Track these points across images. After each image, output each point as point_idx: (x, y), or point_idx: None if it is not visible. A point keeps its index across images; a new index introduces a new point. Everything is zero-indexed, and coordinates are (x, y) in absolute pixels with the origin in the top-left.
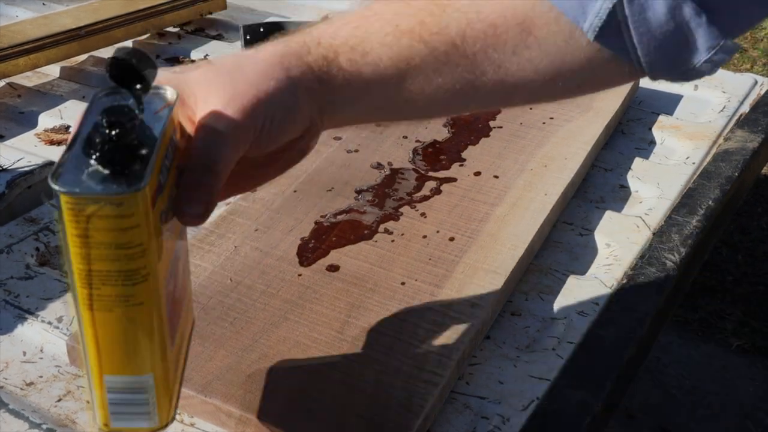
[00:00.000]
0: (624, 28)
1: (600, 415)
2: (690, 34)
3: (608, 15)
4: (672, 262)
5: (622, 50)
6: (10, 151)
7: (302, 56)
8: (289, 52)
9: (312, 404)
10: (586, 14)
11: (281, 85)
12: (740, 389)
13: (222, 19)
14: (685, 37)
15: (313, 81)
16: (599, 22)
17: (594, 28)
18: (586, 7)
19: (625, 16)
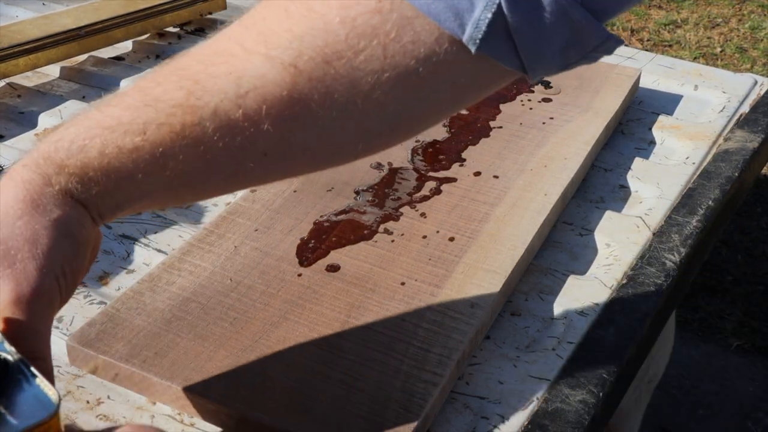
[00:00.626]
0: (504, 36)
1: (600, 415)
2: (582, 35)
3: (488, 26)
4: (672, 262)
5: (504, 57)
6: (10, 151)
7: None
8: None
9: (312, 404)
10: (464, 26)
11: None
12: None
13: (222, 18)
14: (578, 39)
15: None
16: (479, 34)
17: (474, 39)
18: (462, 18)
19: (506, 24)
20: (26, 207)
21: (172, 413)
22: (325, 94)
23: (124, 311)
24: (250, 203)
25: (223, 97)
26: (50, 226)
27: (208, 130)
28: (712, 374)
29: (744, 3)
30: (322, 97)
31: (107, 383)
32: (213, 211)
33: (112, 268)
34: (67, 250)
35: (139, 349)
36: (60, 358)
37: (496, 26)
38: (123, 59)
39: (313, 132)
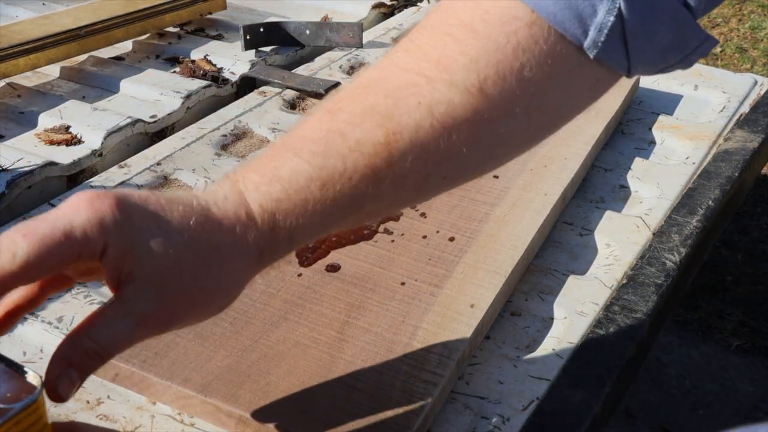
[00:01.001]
0: (620, 39)
1: (600, 414)
2: (685, 36)
3: (610, 29)
4: (672, 262)
5: (617, 61)
6: (10, 151)
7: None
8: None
9: (312, 404)
10: (587, 30)
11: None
12: (740, 389)
13: (222, 19)
14: (680, 40)
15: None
16: (601, 37)
17: (596, 43)
18: (585, 23)
19: (623, 27)
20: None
21: (172, 413)
22: (505, 109)
23: None
24: None
25: (419, 129)
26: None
27: (407, 163)
28: (712, 374)
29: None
30: (503, 113)
31: (107, 383)
32: None
33: None
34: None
35: (139, 349)
36: None
37: (615, 30)
38: (123, 59)
39: (492, 148)
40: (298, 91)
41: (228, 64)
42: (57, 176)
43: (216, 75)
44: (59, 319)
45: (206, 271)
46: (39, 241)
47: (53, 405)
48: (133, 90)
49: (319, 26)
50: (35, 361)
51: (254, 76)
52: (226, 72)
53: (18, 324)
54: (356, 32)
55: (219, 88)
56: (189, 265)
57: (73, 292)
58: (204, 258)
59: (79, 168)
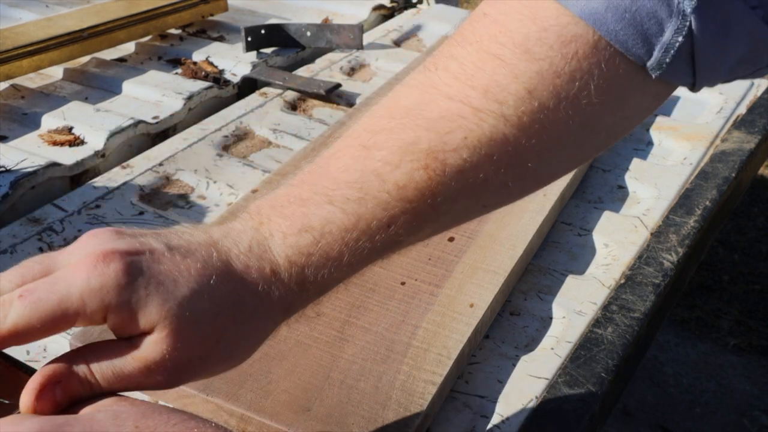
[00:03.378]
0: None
1: (598, 413)
2: (759, 52)
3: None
4: (669, 262)
5: (681, 79)
6: (14, 152)
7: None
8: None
9: (312, 403)
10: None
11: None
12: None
13: (223, 21)
14: (754, 55)
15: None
16: (667, 58)
17: (661, 64)
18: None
19: (692, 46)
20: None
21: None
22: (559, 138)
23: None
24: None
25: (465, 168)
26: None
27: (450, 204)
28: (709, 373)
29: None
30: (556, 143)
31: None
32: (215, 212)
33: None
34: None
35: None
36: None
37: (683, 49)
38: (125, 61)
39: (539, 177)
40: (298, 92)
41: (229, 65)
42: (60, 177)
43: (217, 76)
44: None
45: (226, 330)
46: (32, 307)
47: None
48: (136, 91)
49: (320, 28)
50: (39, 360)
51: (255, 78)
52: (228, 73)
53: None
54: (356, 34)
55: (220, 90)
56: (207, 326)
57: None
58: (224, 318)
59: (82, 169)
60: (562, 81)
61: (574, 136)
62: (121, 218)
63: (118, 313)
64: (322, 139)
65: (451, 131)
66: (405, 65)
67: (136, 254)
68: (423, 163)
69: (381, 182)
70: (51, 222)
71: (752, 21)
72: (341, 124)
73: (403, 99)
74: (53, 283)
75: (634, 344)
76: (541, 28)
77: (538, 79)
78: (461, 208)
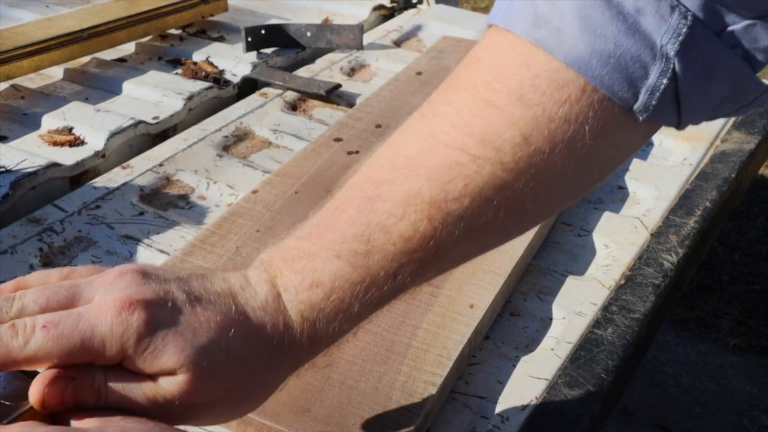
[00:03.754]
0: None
1: (598, 414)
2: (742, 91)
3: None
4: (669, 262)
5: (666, 120)
6: (14, 152)
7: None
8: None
9: (312, 404)
10: (637, 94)
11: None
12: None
13: (223, 21)
14: (737, 94)
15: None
16: (653, 101)
17: (648, 107)
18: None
19: (677, 88)
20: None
21: None
22: (556, 179)
23: None
24: (251, 204)
25: (466, 214)
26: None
27: (453, 250)
28: (709, 373)
29: None
30: (553, 184)
31: None
32: (215, 212)
33: None
34: None
35: None
36: None
37: (668, 92)
38: (126, 61)
39: (537, 216)
40: (299, 93)
41: (230, 65)
42: (60, 177)
43: (218, 76)
44: None
45: (238, 382)
46: (55, 341)
47: None
48: (136, 91)
49: (320, 28)
50: None
51: (255, 78)
52: (228, 74)
53: None
54: (356, 34)
55: (221, 90)
56: (221, 377)
57: None
58: (238, 371)
59: (82, 169)
60: (556, 126)
61: (570, 176)
62: (121, 219)
63: (134, 359)
64: (323, 140)
65: (451, 180)
66: (405, 65)
67: (158, 304)
68: (426, 213)
69: (386, 235)
70: (51, 222)
71: (733, 61)
72: (342, 125)
73: (403, 148)
74: (77, 320)
75: (634, 345)
76: (533, 74)
77: (533, 125)
78: (462, 251)
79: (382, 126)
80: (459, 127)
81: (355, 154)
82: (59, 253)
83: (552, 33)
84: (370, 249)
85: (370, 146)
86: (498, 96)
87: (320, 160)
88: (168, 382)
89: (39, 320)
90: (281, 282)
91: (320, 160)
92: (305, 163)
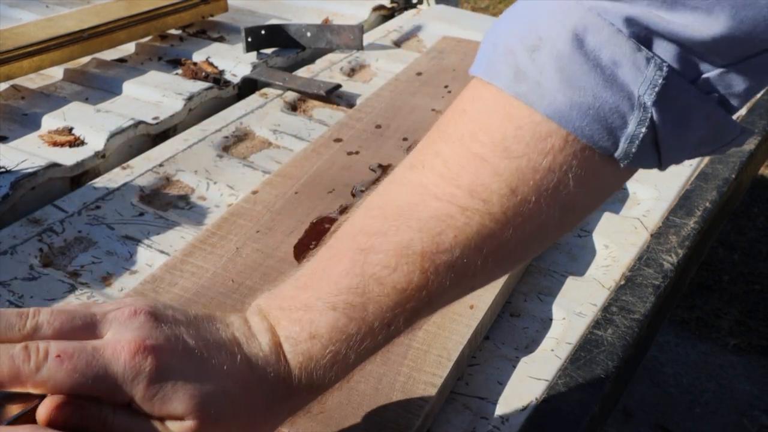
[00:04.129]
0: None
1: (598, 414)
2: (720, 133)
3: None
4: (669, 263)
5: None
6: (14, 153)
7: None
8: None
9: (312, 405)
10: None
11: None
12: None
13: (223, 21)
14: (714, 136)
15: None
16: (633, 148)
17: (628, 154)
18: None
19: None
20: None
21: None
22: (541, 225)
23: None
24: (251, 205)
25: (456, 263)
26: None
27: (444, 296)
28: (709, 373)
29: None
30: (538, 230)
31: None
32: (215, 213)
33: (115, 269)
34: None
35: None
36: None
37: (647, 139)
38: (126, 61)
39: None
40: (299, 93)
41: (230, 66)
42: (60, 177)
43: (218, 77)
44: None
45: (242, 428)
46: (67, 374)
47: None
48: (136, 92)
49: (320, 28)
50: None
51: (255, 78)
52: (228, 74)
53: None
54: (356, 34)
55: (221, 90)
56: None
57: (76, 293)
58: (241, 418)
59: (82, 169)
60: (541, 176)
61: (555, 221)
62: (122, 219)
63: (142, 403)
64: (323, 140)
65: (441, 231)
66: (405, 65)
67: (169, 351)
68: (418, 265)
69: (380, 286)
70: (51, 223)
71: (708, 106)
72: (342, 125)
73: (395, 198)
74: (92, 356)
75: (634, 345)
76: (516, 126)
77: (519, 175)
78: (452, 297)
79: (382, 126)
80: (447, 179)
81: (355, 154)
82: (59, 254)
83: (532, 87)
84: (365, 301)
85: (369, 146)
86: (484, 148)
87: (320, 160)
88: (175, 425)
89: (53, 348)
90: (281, 332)
91: (320, 160)
92: (305, 164)
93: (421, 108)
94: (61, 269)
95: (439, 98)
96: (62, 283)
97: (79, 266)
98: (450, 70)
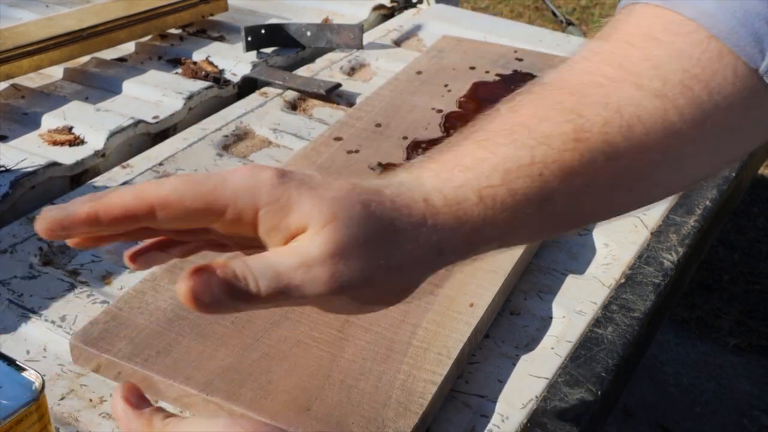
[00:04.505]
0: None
1: (598, 413)
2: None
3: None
4: (669, 261)
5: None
6: (14, 152)
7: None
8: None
9: (312, 403)
10: (764, 51)
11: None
12: (736, 387)
13: (223, 20)
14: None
15: None
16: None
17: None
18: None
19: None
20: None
21: (174, 411)
22: (694, 122)
23: (127, 310)
24: None
25: (608, 128)
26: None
27: (598, 163)
28: (710, 372)
29: None
30: (688, 125)
31: (110, 381)
32: None
33: (114, 267)
34: None
35: (142, 348)
36: (63, 356)
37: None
38: (125, 60)
39: (677, 162)
40: (299, 92)
41: (230, 65)
42: (60, 176)
43: (218, 76)
44: (62, 318)
45: (383, 247)
46: (187, 183)
47: (56, 402)
48: (136, 91)
49: (320, 28)
50: (39, 360)
51: (255, 77)
52: (228, 73)
53: (22, 323)
54: (357, 34)
55: (221, 89)
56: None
57: (75, 292)
58: (381, 234)
59: (82, 168)
60: (691, 65)
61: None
62: None
63: (268, 209)
64: (323, 139)
65: (592, 95)
66: (405, 65)
67: (290, 172)
68: (568, 118)
69: (529, 131)
70: None
71: None
72: (342, 124)
73: (542, 80)
74: (208, 175)
75: (634, 344)
76: (667, 21)
77: (668, 60)
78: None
79: (382, 125)
80: (596, 60)
81: (354, 153)
82: (59, 253)
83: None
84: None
85: (369, 145)
86: (633, 37)
87: (320, 159)
88: (308, 237)
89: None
90: (418, 167)
91: (320, 159)
92: (305, 163)
93: (421, 107)
94: (60, 268)
95: (439, 97)
96: (62, 282)
97: (78, 265)
98: (450, 69)
